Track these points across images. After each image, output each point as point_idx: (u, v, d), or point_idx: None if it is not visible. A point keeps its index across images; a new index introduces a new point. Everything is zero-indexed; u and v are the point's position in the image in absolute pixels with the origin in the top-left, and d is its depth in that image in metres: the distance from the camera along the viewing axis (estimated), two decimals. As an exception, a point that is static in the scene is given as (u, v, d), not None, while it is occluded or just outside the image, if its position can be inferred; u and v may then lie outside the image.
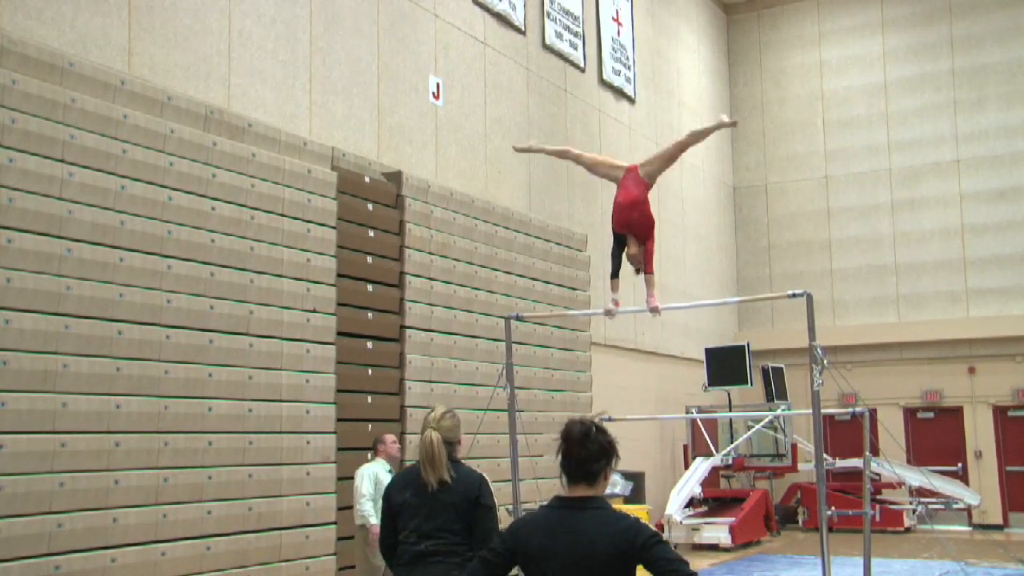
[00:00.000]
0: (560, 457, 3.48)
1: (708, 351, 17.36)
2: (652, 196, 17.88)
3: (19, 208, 6.95)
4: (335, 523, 9.25)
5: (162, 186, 8.03)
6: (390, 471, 8.37)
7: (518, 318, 9.81)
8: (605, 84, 16.64)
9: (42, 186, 7.12)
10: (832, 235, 20.72)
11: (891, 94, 20.52)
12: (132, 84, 8.04)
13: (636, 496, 14.46)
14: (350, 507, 9.32)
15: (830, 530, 8.01)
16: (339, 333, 9.64)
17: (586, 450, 3.44)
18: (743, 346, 17.14)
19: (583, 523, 3.34)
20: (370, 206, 10.36)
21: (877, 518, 9.29)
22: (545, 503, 3.55)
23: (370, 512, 8.34)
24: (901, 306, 19.92)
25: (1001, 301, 19.08)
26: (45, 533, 6.88)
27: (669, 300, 17.46)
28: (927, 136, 20.11)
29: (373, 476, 8.46)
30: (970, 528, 17.88)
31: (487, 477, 4.91)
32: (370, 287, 10.20)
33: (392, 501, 4.85)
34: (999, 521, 18.43)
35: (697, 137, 8.26)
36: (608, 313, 8.55)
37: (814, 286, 19.15)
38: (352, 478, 8.76)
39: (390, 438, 8.82)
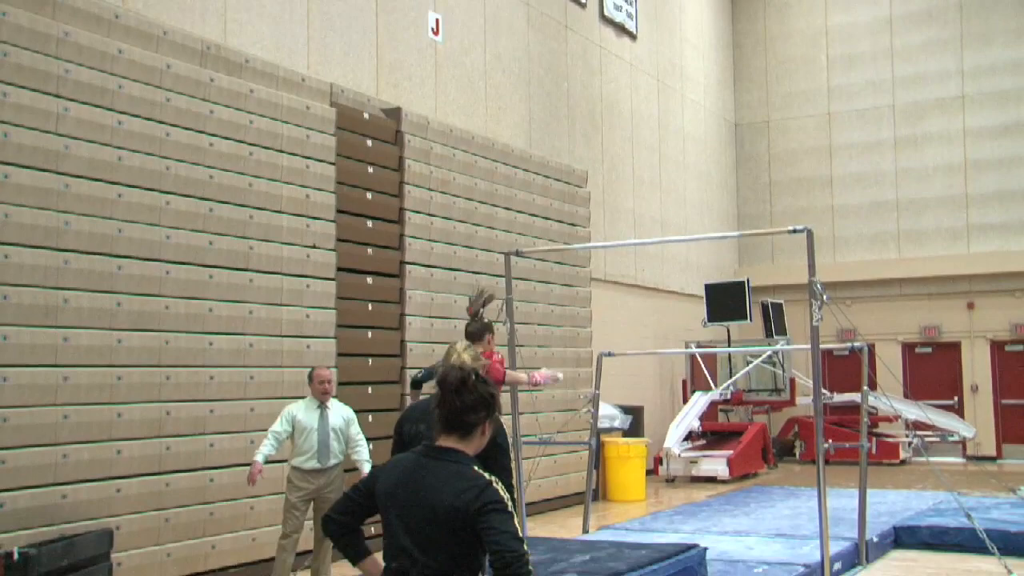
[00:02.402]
0: (435, 406, 3.19)
1: (708, 287, 17.41)
2: (652, 132, 17.74)
3: (15, 143, 6.95)
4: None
5: (160, 122, 8.02)
6: (319, 408, 7.50)
7: (518, 254, 9.84)
8: (606, 20, 16.47)
9: (38, 121, 7.11)
10: (834, 172, 20.65)
11: (896, 29, 20.29)
12: (126, 18, 7.98)
13: (635, 430, 14.63)
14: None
15: (827, 462, 8.12)
16: (339, 269, 9.68)
17: (462, 399, 3.13)
18: (743, 282, 17.18)
19: (434, 473, 3.09)
20: (369, 142, 10.33)
21: (873, 451, 9.41)
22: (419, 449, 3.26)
23: (262, 449, 7.36)
24: (902, 242, 19.92)
25: (1002, 237, 19.07)
26: (51, 464, 7.00)
27: (669, 235, 17.49)
28: (932, 71, 19.92)
29: (291, 417, 7.47)
30: (964, 460, 18.11)
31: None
32: (370, 223, 10.22)
33: (404, 432, 4.82)
34: (992, 453, 18.64)
35: None
36: None
37: (815, 223, 19.08)
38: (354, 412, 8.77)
39: (319, 376, 7.59)
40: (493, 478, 3.06)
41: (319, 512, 7.44)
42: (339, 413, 7.65)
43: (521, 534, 3.00)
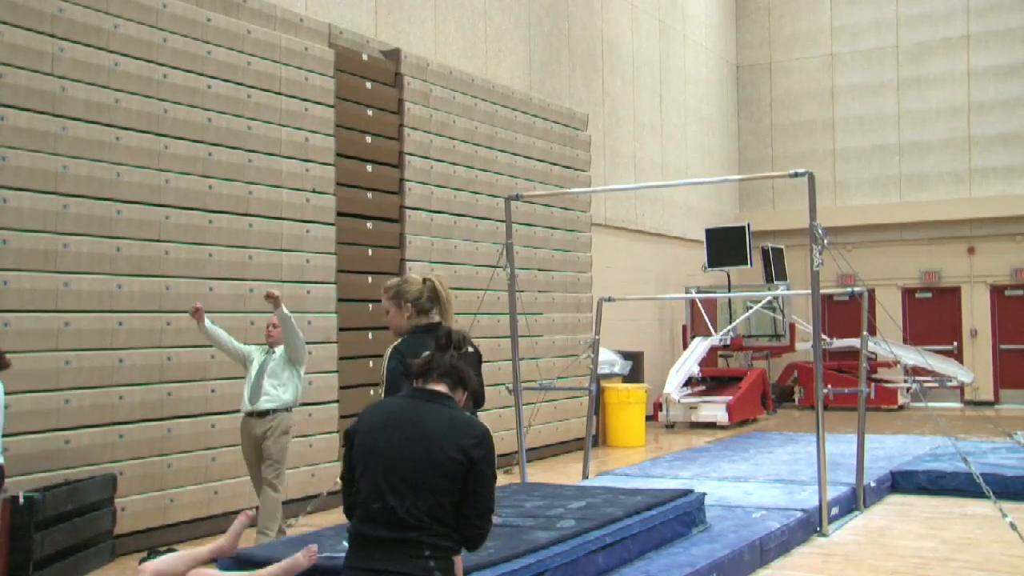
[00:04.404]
0: (434, 356, 3.21)
1: (708, 232, 17.35)
2: (653, 74, 17.47)
3: (10, 84, 6.84)
4: (336, 401, 9.40)
5: (157, 63, 7.89)
6: (266, 351, 7.52)
7: (518, 198, 9.76)
8: (608, -42, 16.18)
9: (32, 62, 7.00)
10: (836, 114, 20.46)
11: (901, -33, 19.98)
12: (121, -43, 7.81)
13: (634, 375, 14.66)
14: (352, 386, 9.46)
15: (826, 408, 8.13)
16: (339, 213, 9.61)
17: (466, 358, 3.29)
18: (743, 227, 17.12)
19: (429, 415, 3.06)
20: (368, 85, 10.20)
21: (872, 396, 9.42)
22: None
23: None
24: (903, 186, 19.81)
25: (1005, 181, 18.96)
26: (53, 410, 7.00)
27: (670, 180, 17.38)
28: (937, 10, 19.64)
29: (247, 349, 7.65)
30: (962, 405, 18.20)
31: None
32: (369, 167, 10.13)
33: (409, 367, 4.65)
34: (990, 398, 18.72)
35: None
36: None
37: (816, 167, 19.01)
38: (353, 358, 8.76)
39: (269, 321, 7.58)
40: (486, 426, 3.14)
41: (266, 466, 7.25)
42: (282, 357, 7.48)
43: (493, 504, 3.09)
